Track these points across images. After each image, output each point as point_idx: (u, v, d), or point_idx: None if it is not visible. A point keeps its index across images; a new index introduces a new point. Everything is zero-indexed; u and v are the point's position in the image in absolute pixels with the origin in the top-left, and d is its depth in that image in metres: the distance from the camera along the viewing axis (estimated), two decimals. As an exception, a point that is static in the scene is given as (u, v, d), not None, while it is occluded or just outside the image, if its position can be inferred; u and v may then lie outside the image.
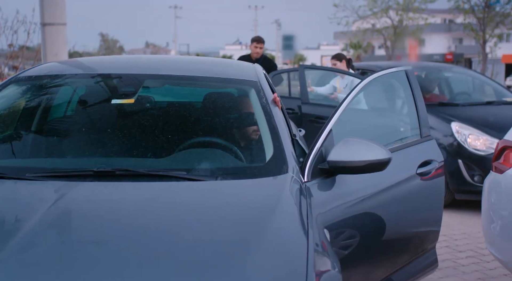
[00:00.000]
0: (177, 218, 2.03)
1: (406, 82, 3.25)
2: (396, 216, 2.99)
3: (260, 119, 2.77)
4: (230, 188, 2.30)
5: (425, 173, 3.09)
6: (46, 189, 2.23)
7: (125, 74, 2.99)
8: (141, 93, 2.94)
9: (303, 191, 2.41)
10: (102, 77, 3.00)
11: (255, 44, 7.67)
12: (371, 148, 2.57)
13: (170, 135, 2.69)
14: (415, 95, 3.24)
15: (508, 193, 3.25)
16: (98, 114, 2.87)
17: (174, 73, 3.07)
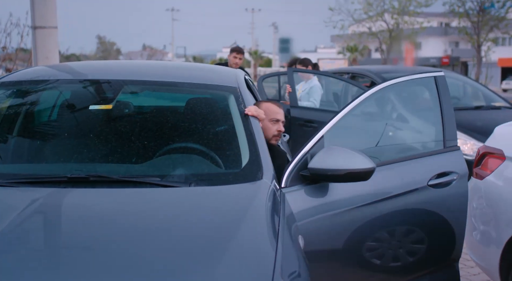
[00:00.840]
0: (145, 225, 2.02)
1: (434, 88, 3.15)
2: (395, 227, 2.95)
3: (237, 125, 2.77)
4: (202, 194, 2.30)
5: (440, 184, 2.99)
6: (17, 196, 2.22)
7: (104, 80, 3.00)
8: (119, 99, 2.94)
9: (277, 197, 2.41)
10: (81, 83, 3.01)
11: (235, 54, 7.16)
12: (354, 157, 2.56)
13: (147, 141, 2.69)
14: (442, 103, 3.12)
15: (488, 199, 3.25)
16: (75, 120, 2.87)
17: (154, 78, 3.07)
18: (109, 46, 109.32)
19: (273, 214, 2.22)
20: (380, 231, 2.90)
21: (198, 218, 2.09)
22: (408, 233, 3.00)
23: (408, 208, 2.93)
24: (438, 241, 3.05)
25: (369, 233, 2.86)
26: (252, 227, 2.07)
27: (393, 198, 2.88)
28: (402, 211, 2.91)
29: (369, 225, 2.83)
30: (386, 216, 2.87)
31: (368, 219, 2.82)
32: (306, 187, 2.65)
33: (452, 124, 3.12)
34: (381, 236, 2.91)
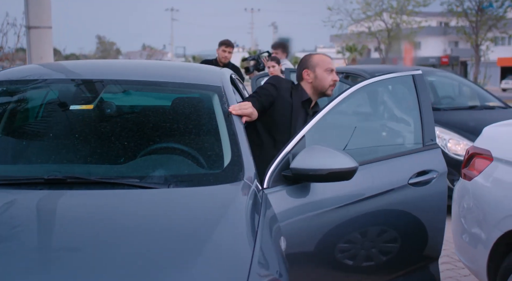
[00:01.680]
0: (120, 226, 1.99)
1: (412, 87, 3.15)
2: (377, 226, 2.94)
3: (220, 125, 2.74)
4: (180, 196, 2.26)
5: (420, 183, 2.99)
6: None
7: (86, 80, 2.96)
8: (101, 98, 2.91)
9: (258, 198, 2.38)
10: (62, 83, 2.97)
11: (224, 48, 6.82)
12: (336, 157, 2.53)
13: (129, 141, 2.66)
14: (420, 101, 3.12)
15: (476, 200, 3.22)
16: (55, 121, 2.83)
17: (137, 78, 3.04)
18: (109, 46, 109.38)
19: (253, 216, 2.19)
20: (361, 230, 2.88)
21: (174, 220, 2.06)
22: (387, 233, 2.99)
23: (389, 207, 2.92)
24: (418, 239, 3.05)
25: (351, 233, 2.84)
26: (229, 228, 2.04)
27: (374, 197, 2.87)
28: (383, 210, 2.91)
29: (351, 224, 2.81)
30: (367, 215, 2.86)
31: (350, 218, 2.80)
32: (288, 187, 2.62)
33: (431, 122, 3.12)
34: (363, 236, 2.89)
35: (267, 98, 3.21)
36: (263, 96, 3.19)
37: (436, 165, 3.06)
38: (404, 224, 3.00)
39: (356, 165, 2.54)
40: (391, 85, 3.39)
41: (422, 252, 3.12)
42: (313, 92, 3.40)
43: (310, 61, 3.42)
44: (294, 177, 2.58)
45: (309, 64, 3.42)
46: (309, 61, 3.43)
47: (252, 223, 2.13)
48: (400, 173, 2.98)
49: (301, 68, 3.43)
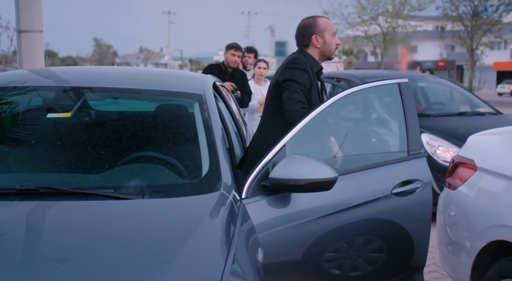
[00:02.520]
0: (89, 240, 1.95)
1: (398, 95, 3.10)
2: (360, 236, 2.90)
3: (200, 133, 2.71)
4: (154, 207, 2.22)
5: (405, 192, 2.95)
6: None
7: (65, 87, 2.92)
8: (80, 106, 2.87)
9: (234, 209, 2.35)
10: (42, 90, 2.93)
11: (233, 52, 6.33)
12: (316, 167, 2.49)
13: (106, 150, 2.62)
14: (406, 110, 3.07)
15: (460, 210, 3.19)
16: (33, 129, 2.79)
17: (117, 85, 3.00)
18: (106, 48, 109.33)
19: (228, 227, 2.16)
20: (344, 241, 2.84)
21: (145, 232, 2.02)
22: (372, 243, 2.95)
23: (372, 217, 2.88)
24: (401, 250, 3.01)
25: (333, 243, 2.80)
26: (202, 240, 2.00)
27: (357, 207, 2.83)
28: (366, 220, 2.87)
29: (333, 235, 2.78)
30: (350, 225, 2.81)
31: (332, 229, 2.76)
32: (268, 197, 2.58)
33: (416, 131, 3.07)
34: (345, 246, 2.86)
35: (306, 87, 3.17)
36: (303, 86, 3.15)
37: (420, 175, 3.03)
38: (388, 234, 2.96)
39: (336, 175, 2.51)
40: (376, 93, 3.35)
41: (407, 262, 3.08)
42: (320, 58, 3.37)
43: (318, 26, 3.35)
44: (273, 187, 2.54)
45: (317, 28, 3.34)
46: (317, 26, 3.35)
47: (227, 234, 2.10)
48: (384, 182, 2.94)
49: (308, 33, 3.35)
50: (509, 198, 2.80)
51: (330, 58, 3.41)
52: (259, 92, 6.71)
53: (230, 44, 6.53)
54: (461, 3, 20.79)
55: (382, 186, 2.92)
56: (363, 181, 2.89)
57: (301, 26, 3.46)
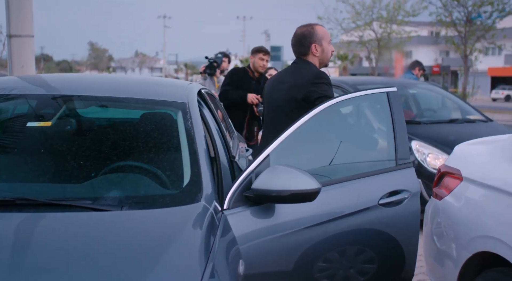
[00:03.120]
0: (62, 253, 1.91)
1: (386, 104, 3.07)
2: (344, 248, 2.87)
3: (182, 143, 2.67)
4: (132, 219, 2.19)
5: (392, 203, 2.91)
6: None
7: (45, 96, 2.88)
8: (62, 115, 2.84)
9: (215, 221, 2.31)
10: (21, 98, 2.89)
11: (261, 56, 5.93)
12: (298, 178, 2.46)
13: (87, 160, 2.58)
14: (394, 119, 3.04)
15: (446, 220, 3.16)
16: (12, 138, 2.75)
17: (100, 94, 2.96)
18: (101, 52, 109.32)
19: (207, 239, 2.13)
20: (329, 252, 2.81)
21: (121, 245, 1.98)
22: (358, 254, 2.92)
23: (358, 228, 2.85)
24: (389, 261, 2.97)
25: (317, 254, 2.77)
26: (180, 252, 1.97)
27: (343, 218, 2.79)
28: (352, 231, 2.83)
29: (317, 246, 2.74)
30: (334, 236, 2.78)
31: (316, 240, 2.73)
32: (251, 208, 2.55)
33: (405, 141, 3.04)
34: (330, 257, 2.83)
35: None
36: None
37: (408, 185, 2.99)
38: (373, 246, 2.93)
39: (319, 186, 2.48)
40: (364, 102, 3.33)
41: (395, 274, 3.04)
42: (318, 66, 3.46)
43: (316, 34, 3.44)
44: (255, 198, 2.51)
45: (316, 37, 3.43)
46: (315, 35, 3.44)
47: (206, 247, 2.07)
48: (371, 193, 2.91)
49: (307, 42, 3.44)
50: (495, 209, 2.78)
51: (326, 65, 3.48)
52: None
53: (257, 47, 6.14)
54: (454, 9, 20.86)
55: (369, 196, 2.89)
56: (350, 192, 2.86)
57: (299, 35, 3.50)
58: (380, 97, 3.09)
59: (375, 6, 25.24)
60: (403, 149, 3.02)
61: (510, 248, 2.60)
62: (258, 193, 2.47)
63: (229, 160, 3.17)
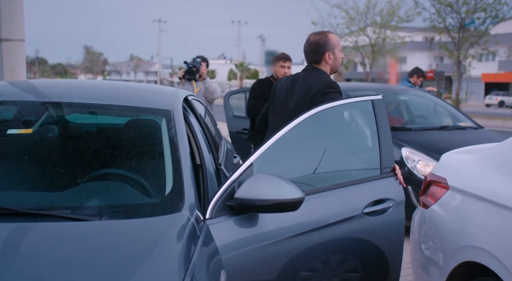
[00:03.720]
0: (35, 266, 1.87)
1: (371, 112, 3.05)
2: (329, 257, 2.85)
3: (165, 151, 2.64)
4: (110, 230, 2.15)
5: (376, 212, 2.89)
6: None
7: (28, 102, 2.84)
8: (44, 122, 2.80)
9: (196, 230, 2.28)
10: (4, 105, 2.85)
11: (282, 63, 5.59)
12: (282, 187, 2.43)
13: (67, 168, 2.55)
14: (379, 128, 3.02)
15: (433, 229, 3.14)
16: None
17: (84, 100, 2.93)
18: (96, 56, 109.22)
19: (187, 249, 2.09)
20: (312, 261, 2.78)
21: (97, 257, 1.94)
22: (342, 263, 2.90)
23: (342, 237, 2.82)
24: (373, 270, 2.95)
25: (300, 264, 2.74)
26: (157, 264, 1.93)
27: (327, 227, 2.77)
28: (336, 240, 2.80)
29: (300, 255, 2.71)
30: (318, 246, 2.75)
31: (300, 249, 2.70)
32: (234, 217, 2.52)
33: (390, 149, 3.02)
34: (313, 267, 2.80)
35: None
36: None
37: (393, 194, 2.97)
38: (357, 254, 2.91)
39: (303, 195, 2.45)
40: (349, 110, 3.31)
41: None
42: (329, 73, 3.56)
43: (330, 43, 3.53)
44: (238, 207, 2.48)
45: (330, 46, 3.52)
46: (329, 43, 3.53)
47: (185, 258, 2.04)
48: (355, 201, 2.88)
49: (321, 50, 3.53)
50: (481, 219, 2.76)
51: (336, 72, 3.59)
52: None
53: (277, 55, 5.77)
54: (448, 15, 20.89)
55: (353, 205, 2.86)
56: (334, 200, 2.84)
57: (313, 43, 3.58)
58: (365, 105, 3.08)
59: (369, 11, 25.26)
60: (388, 157, 3.00)
61: (495, 259, 2.58)
62: (241, 202, 2.44)
63: (215, 167, 3.14)
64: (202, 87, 6.80)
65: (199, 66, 6.73)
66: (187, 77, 6.82)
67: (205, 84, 6.78)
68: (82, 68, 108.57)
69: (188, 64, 6.84)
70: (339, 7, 25.24)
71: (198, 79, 6.80)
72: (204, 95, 6.77)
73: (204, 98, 6.79)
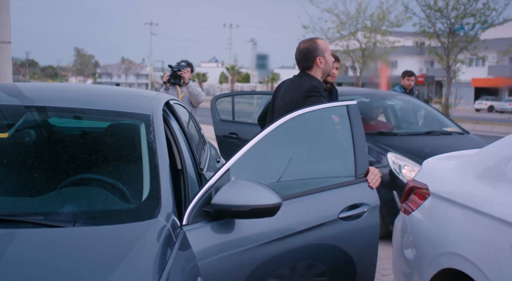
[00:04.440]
0: (4, 273, 1.84)
1: (346, 117, 3.04)
2: (304, 262, 2.84)
3: (143, 156, 2.61)
4: (83, 236, 2.11)
5: (351, 216, 2.88)
6: None
7: (6, 105, 2.80)
8: (20, 126, 2.76)
9: (172, 237, 2.25)
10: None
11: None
12: (259, 192, 2.41)
13: (43, 173, 2.51)
14: (354, 133, 3.01)
15: (413, 235, 3.13)
16: None
17: (62, 105, 2.89)
18: (87, 58, 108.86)
19: (162, 256, 2.07)
20: (289, 266, 2.77)
21: (68, 265, 1.91)
22: (317, 268, 2.88)
23: (319, 242, 2.81)
24: (347, 275, 2.94)
25: (276, 269, 2.72)
26: (130, 271, 1.91)
27: (303, 232, 2.76)
28: (312, 246, 2.80)
29: (277, 260, 2.70)
30: (295, 250, 2.74)
31: (276, 254, 2.68)
32: (211, 223, 2.49)
33: (364, 154, 3.02)
34: (290, 272, 2.78)
35: None
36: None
37: (368, 199, 2.97)
38: (335, 259, 2.90)
39: (280, 201, 2.44)
40: (324, 115, 3.29)
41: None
42: (322, 77, 3.64)
43: (320, 48, 3.64)
44: (215, 213, 2.46)
45: (319, 51, 3.64)
46: (319, 49, 3.65)
47: (160, 264, 2.01)
48: (331, 206, 2.88)
49: (312, 56, 3.66)
50: (460, 226, 2.76)
51: (329, 74, 3.70)
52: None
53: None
54: (438, 20, 21.03)
55: (329, 210, 2.86)
56: (310, 206, 2.83)
57: (303, 50, 3.72)
58: (340, 110, 3.08)
59: (359, 16, 25.34)
60: (362, 162, 3.00)
61: (474, 266, 2.57)
62: (218, 208, 2.42)
63: (196, 172, 3.12)
64: (186, 92, 6.77)
65: (182, 69, 6.68)
66: (172, 81, 6.76)
67: (188, 88, 6.75)
68: (73, 71, 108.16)
69: (173, 68, 6.78)
70: (329, 11, 25.29)
71: (182, 84, 6.75)
72: (188, 100, 6.73)
73: (189, 103, 6.74)
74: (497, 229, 2.48)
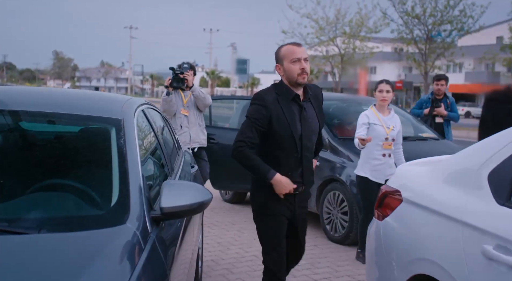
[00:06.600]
0: None
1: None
2: None
3: (113, 162, 2.57)
4: (48, 243, 2.06)
5: None
6: None
7: None
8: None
9: (140, 243, 2.21)
10: None
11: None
12: (196, 189, 2.51)
13: (9, 178, 2.45)
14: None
15: (386, 241, 3.13)
16: None
17: (32, 108, 2.83)
18: (66, 62, 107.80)
19: (130, 263, 2.03)
20: None
21: (27, 274, 1.86)
22: None
23: None
24: None
25: None
26: (94, 279, 1.87)
27: None
28: None
29: None
30: None
31: None
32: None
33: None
34: None
35: (263, 121, 3.33)
36: (258, 122, 3.32)
37: None
38: None
39: (211, 195, 2.56)
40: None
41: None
42: (290, 84, 3.45)
43: (278, 55, 3.51)
44: (164, 217, 2.42)
45: (278, 58, 3.51)
46: (278, 56, 3.51)
47: (127, 271, 1.97)
48: None
49: (276, 63, 3.55)
50: (432, 231, 2.76)
51: (300, 84, 3.41)
52: (383, 123, 5.34)
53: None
54: (415, 26, 21.27)
55: None
56: None
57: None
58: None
59: (338, 22, 25.52)
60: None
61: (445, 271, 2.57)
62: (169, 210, 2.39)
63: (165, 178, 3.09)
64: (190, 96, 6.27)
65: (185, 71, 6.19)
66: (174, 85, 6.19)
67: (193, 92, 6.22)
68: (51, 74, 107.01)
69: (175, 70, 6.22)
70: (308, 16, 25.43)
71: (185, 88, 6.22)
72: (194, 104, 6.27)
73: (195, 107, 6.29)
74: (468, 235, 2.48)
